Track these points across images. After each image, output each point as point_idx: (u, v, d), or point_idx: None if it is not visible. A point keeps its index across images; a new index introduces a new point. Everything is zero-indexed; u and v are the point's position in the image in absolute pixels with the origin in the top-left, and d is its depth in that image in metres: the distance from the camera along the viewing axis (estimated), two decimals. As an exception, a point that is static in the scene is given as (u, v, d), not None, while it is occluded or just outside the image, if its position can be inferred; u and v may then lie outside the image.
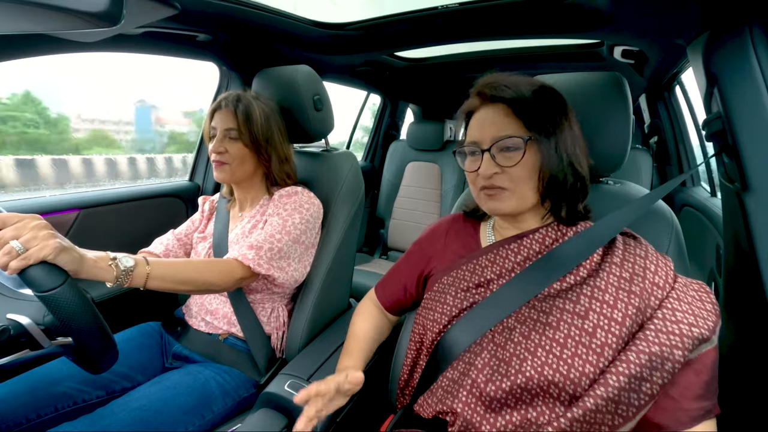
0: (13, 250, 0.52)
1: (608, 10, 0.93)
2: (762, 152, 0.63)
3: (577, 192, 0.60)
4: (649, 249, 0.57)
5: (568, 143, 0.57)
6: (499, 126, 0.58)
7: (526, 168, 0.57)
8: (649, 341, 0.48)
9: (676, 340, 0.47)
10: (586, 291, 0.55)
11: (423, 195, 2.25)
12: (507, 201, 0.59)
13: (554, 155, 0.56)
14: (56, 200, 1.08)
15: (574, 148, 0.58)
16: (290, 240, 0.86)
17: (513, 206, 0.59)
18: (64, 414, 0.76)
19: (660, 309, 0.50)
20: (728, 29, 0.68)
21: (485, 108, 0.61)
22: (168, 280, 0.69)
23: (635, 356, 0.47)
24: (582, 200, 0.61)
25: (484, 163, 0.58)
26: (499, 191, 0.59)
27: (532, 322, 0.56)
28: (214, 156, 0.90)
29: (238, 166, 0.91)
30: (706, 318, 0.49)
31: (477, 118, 0.61)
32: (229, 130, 0.90)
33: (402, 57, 1.80)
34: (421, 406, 0.63)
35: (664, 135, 1.77)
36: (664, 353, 0.47)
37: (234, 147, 0.90)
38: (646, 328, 0.49)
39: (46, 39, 0.87)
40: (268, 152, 0.93)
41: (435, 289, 0.67)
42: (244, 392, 0.86)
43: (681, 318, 0.49)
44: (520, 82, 0.59)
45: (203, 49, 1.22)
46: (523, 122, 0.57)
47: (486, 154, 0.58)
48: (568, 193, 0.59)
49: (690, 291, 0.52)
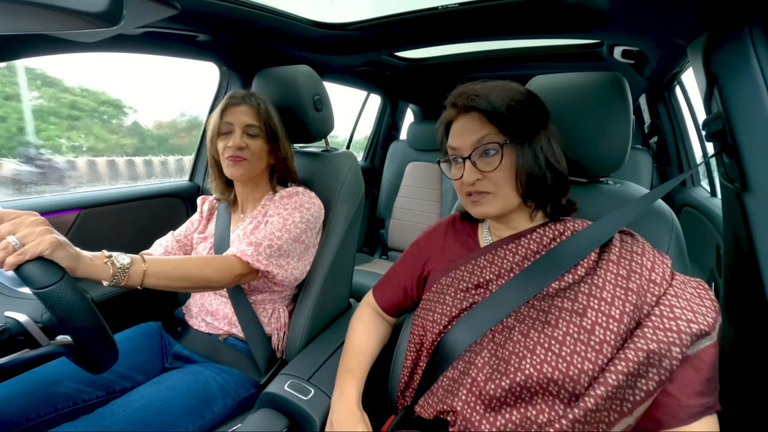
0: (10, 246, 0.52)
1: (608, 10, 0.92)
2: (762, 152, 0.63)
3: (558, 188, 0.61)
4: (645, 246, 0.58)
5: (543, 142, 0.59)
6: (477, 133, 0.59)
7: (505, 170, 0.58)
8: (647, 338, 0.48)
9: (674, 336, 0.47)
10: (584, 289, 0.55)
11: (423, 195, 2.25)
12: (492, 204, 0.60)
13: (530, 155, 0.58)
14: (56, 200, 1.08)
15: (550, 145, 0.60)
16: (290, 238, 0.86)
17: (498, 208, 0.61)
18: (64, 414, 0.76)
19: (657, 306, 0.51)
20: (728, 29, 0.68)
21: (462, 117, 0.62)
22: (165, 277, 0.69)
23: (633, 354, 0.48)
24: (564, 195, 0.63)
25: (466, 170, 0.60)
26: (483, 195, 0.60)
27: (531, 320, 0.56)
28: (232, 152, 0.88)
29: (256, 162, 0.92)
30: (705, 314, 0.49)
31: (455, 128, 0.63)
32: (249, 126, 0.90)
33: (402, 57, 1.80)
34: (422, 407, 0.63)
35: (664, 135, 1.77)
36: (662, 350, 0.47)
37: (254, 143, 0.90)
38: (644, 325, 0.50)
39: (46, 39, 0.87)
40: (283, 149, 0.95)
41: (434, 290, 0.67)
42: (244, 392, 0.86)
43: (679, 314, 0.49)
44: (490, 88, 0.60)
45: (203, 49, 1.22)
46: (498, 127, 0.59)
47: (467, 162, 0.60)
48: (549, 190, 0.60)
49: (688, 288, 0.53)
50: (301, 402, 0.73)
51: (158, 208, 1.32)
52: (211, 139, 0.91)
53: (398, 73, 1.92)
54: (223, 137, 0.90)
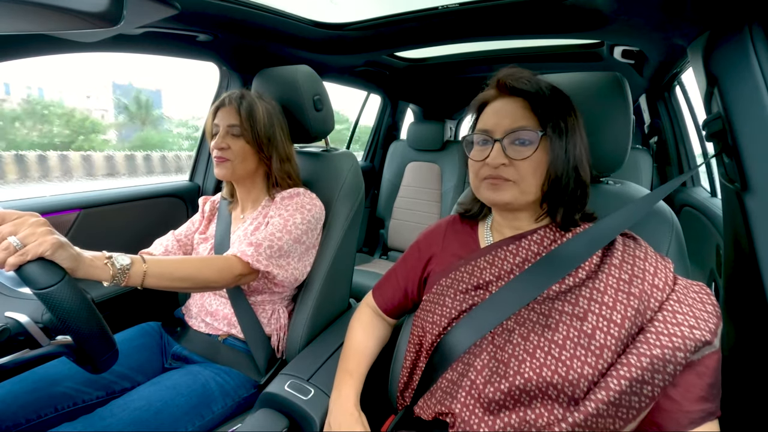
0: (11, 246, 0.52)
1: (608, 10, 0.92)
2: (762, 152, 0.63)
3: (576, 199, 0.60)
4: (648, 251, 0.57)
5: (577, 147, 0.58)
6: (515, 118, 0.58)
7: (534, 164, 0.57)
8: (650, 344, 0.47)
9: (678, 342, 0.47)
10: (585, 293, 0.54)
11: (423, 195, 2.25)
12: (508, 191, 0.58)
13: (563, 156, 0.57)
14: (56, 200, 1.08)
15: (581, 153, 0.59)
16: (291, 239, 0.86)
17: (512, 197, 0.59)
18: (64, 414, 0.76)
19: (660, 311, 0.50)
20: (728, 29, 0.68)
21: (502, 99, 0.61)
22: (166, 278, 0.69)
23: (636, 359, 0.47)
24: (580, 209, 0.61)
25: (494, 152, 0.58)
26: (503, 182, 0.59)
27: (531, 323, 0.56)
28: (216, 152, 0.90)
29: (240, 164, 0.91)
30: (707, 320, 0.48)
31: (492, 108, 0.61)
32: (231, 127, 0.90)
33: (402, 57, 1.80)
34: (421, 408, 0.63)
35: (664, 135, 1.77)
36: (665, 356, 0.46)
37: (236, 144, 0.90)
38: (646, 330, 0.49)
39: (46, 39, 0.87)
40: (269, 151, 0.93)
41: (434, 291, 0.67)
42: (244, 392, 0.86)
43: (682, 320, 0.48)
44: (538, 79, 0.60)
45: (203, 49, 1.22)
46: (539, 119, 0.57)
47: (497, 144, 0.58)
48: (567, 198, 0.59)
49: (690, 293, 0.52)
50: (301, 402, 0.73)
51: (158, 208, 1.32)
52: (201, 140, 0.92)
53: (398, 73, 1.92)
54: (213, 138, 0.92)
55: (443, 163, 2.20)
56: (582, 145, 0.59)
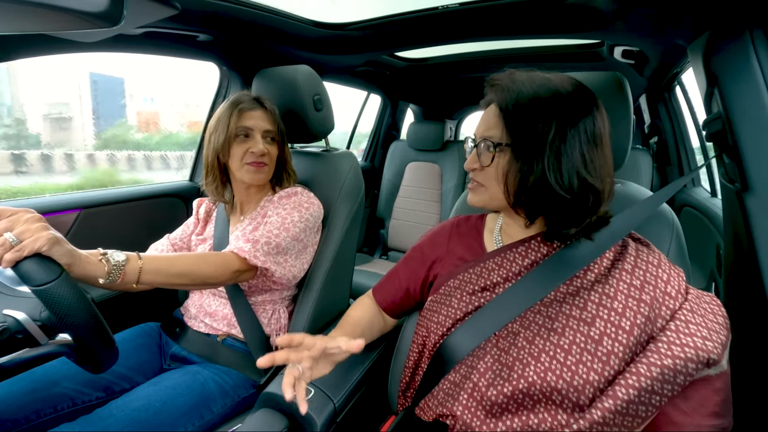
0: (7, 242, 0.52)
1: (608, 10, 0.93)
2: (762, 152, 0.63)
3: (566, 210, 0.54)
4: (662, 258, 0.56)
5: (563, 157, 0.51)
6: (488, 125, 0.58)
7: (494, 172, 0.57)
8: (661, 353, 0.46)
9: (691, 353, 0.45)
10: (594, 297, 0.53)
11: (423, 195, 2.25)
12: (480, 195, 0.61)
13: (526, 168, 0.53)
14: (56, 200, 1.08)
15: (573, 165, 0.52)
16: (288, 237, 0.86)
17: (482, 201, 0.61)
18: (64, 415, 0.76)
19: (673, 320, 0.49)
20: (729, 30, 0.68)
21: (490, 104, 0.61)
22: (162, 274, 0.68)
23: (646, 369, 0.46)
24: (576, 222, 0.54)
25: (470, 156, 0.61)
26: (477, 186, 0.61)
27: (537, 326, 0.55)
28: (255, 158, 0.88)
29: (273, 167, 0.94)
30: (719, 332, 0.48)
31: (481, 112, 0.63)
32: (269, 132, 0.91)
33: (402, 57, 1.80)
34: (422, 409, 0.63)
35: (665, 135, 1.77)
36: (677, 366, 0.45)
37: (273, 149, 0.92)
38: (657, 339, 0.48)
39: (46, 39, 0.87)
40: (286, 152, 0.97)
41: (441, 292, 0.66)
42: (243, 392, 0.86)
43: (694, 331, 0.47)
44: (527, 82, 0.54)
45: (203, 49, 1.22)
46: (507, 128, 0.55)
47: (475, 149, 0.60)
48: (547, 208, 0.55)
49: (702, 303, 0.51)
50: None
51: (158, 208, 1.32)
52: (223, 142, 0.87)
53: (398, 73, 1.92)
54: (239, 142, 0.88)
55: (443, 163, 2.20)
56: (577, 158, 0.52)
